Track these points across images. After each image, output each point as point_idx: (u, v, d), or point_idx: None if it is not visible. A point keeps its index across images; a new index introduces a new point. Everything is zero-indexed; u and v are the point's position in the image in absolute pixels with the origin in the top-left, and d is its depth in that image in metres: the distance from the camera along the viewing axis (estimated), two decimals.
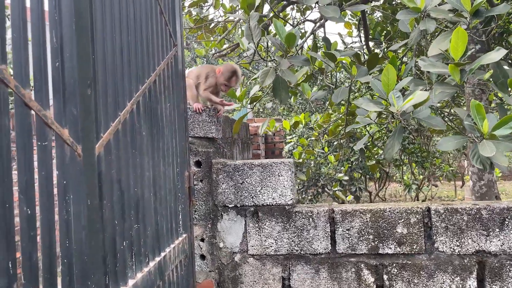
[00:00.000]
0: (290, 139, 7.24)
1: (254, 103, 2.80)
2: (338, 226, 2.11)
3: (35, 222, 0.85)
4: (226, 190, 2.19)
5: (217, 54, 4.85)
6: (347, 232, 2.10)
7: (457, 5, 2.41)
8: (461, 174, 10.64)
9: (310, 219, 2.13)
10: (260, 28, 2.49)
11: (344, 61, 2.66)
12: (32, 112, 0.85)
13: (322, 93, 2.66)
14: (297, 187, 9.50)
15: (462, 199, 9.42)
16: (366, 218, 2.09)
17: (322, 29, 3.94)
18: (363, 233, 2.09)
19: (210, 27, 5.07)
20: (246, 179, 2.17)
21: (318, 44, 3.24)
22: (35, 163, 0.88)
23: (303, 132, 8.38)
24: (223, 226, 2.21)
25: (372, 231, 2.08)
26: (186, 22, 5.11)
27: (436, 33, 3.49)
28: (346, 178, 7.77)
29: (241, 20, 2.80)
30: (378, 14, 6.54)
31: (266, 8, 4.49)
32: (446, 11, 2.46)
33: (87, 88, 1.08)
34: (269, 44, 2.97)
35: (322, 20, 3.59)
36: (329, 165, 8.02)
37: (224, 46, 5.23)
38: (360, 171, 8.62)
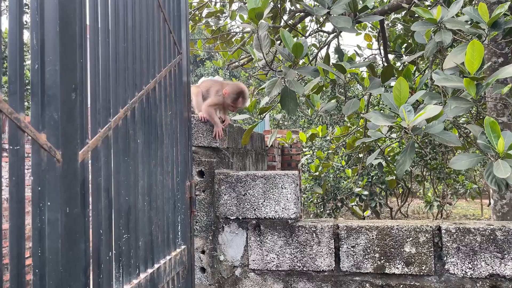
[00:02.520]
0: (307, 151, 7.15)
1: (264, 114, 2.75)
2: (343, 242, 2.03)
3: (0, 228, 0.82)
4: (228, 202, 2.14)
5: (233, 65, 4.85)
6: (352, 249, 2.01)
7: (475, 16, 2.31)
8: (488, 192, 10.27)
9: (314, 235, 2.05)
10: (269, 38, 2.45)
11: (356, 73, 2.59)
12: (3, 115, 0.83)
13: (332, 105, 2.59)
14: (315, 200, 9.35)
15: (489, 218, 9.08)
16: (372, 235, 2.00)
17: (339, 41, 3.87)
18: (369, 251, 2.00)
19: (228, 38, 5.08)
20: (249, 191, 2.11)
21: (332, 56, 3.18)
22: (5, 169, 0.86)
23: (322, 145, 8.27)
24: (224, 238, 2.16)
25: (378, 249, 1.99)
26: (204, 33, 5.13)
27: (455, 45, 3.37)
28: (366, 192, 7.60)
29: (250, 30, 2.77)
30: (399, 26, 6.44)
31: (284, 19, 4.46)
32: (462, 22, 2.37)
33: (71, 93, 1.06)
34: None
35: (337, 31, 3.53)
36: (349, 179, 7.88)
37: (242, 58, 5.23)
38: (381, 186, 8.42)
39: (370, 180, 8.07)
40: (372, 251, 1.99)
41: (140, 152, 1.55)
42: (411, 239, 1.96)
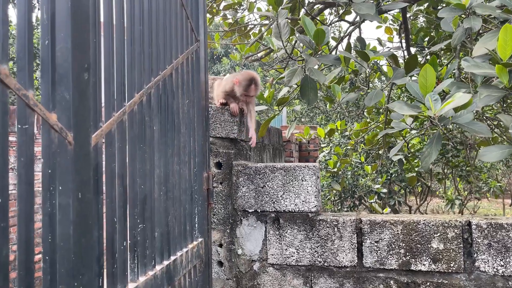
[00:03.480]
0: (325, 147, 7.04)
1: (283, 106, 2.67)
2: (366, 237, 1.94)
3: (7, 212, 0.77)
4: (246, 194, 2.08)
5: (251, 58, 4.78)
6: (375, 244, 1.93)
7: (506, 1, 2.19)
8: (510, 191, 9.98)
9: (335, 229, 1.97)
10: (289, 26, 2.37)
11: (379, 63, 2.50)
12: (9, 90, 0.78)
13: (353, 95, 2.49)
14: (332, 198, 9.23)
15: None
16: (397, 230, 1.91)
17: (360, 30, 3.76)
18: (393, 246, 1.90)
19: (245, 31, 5.01)
20: (268, 183, 2.04)
21: (352, 46, 3.08)
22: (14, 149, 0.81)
23: (340, 141, 8.13)
24: (242, 232, 2.09)
25: (403, 244, 1.89)
26: (221, 26, 5.07)
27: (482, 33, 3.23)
28: (385, 190, 7.45)
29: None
30: (421, 19, 6.28)
31: (303, 12, 4.36)
32: (493, 7, 2.25)
33: (83, 72, 1.01)
34: (301, 44, 2.85)
35: (359, 21, 3.42)
36: (367, 176, 7.74)
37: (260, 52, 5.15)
38: (400, 184, 8.24)
39: (389, 177, 7.91)
40: (397, 247, 1.90)
41: (157, 139, 1.50)
42: (438, 234, 1.86)
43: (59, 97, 0.94)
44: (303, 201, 2.00)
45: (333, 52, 3.26)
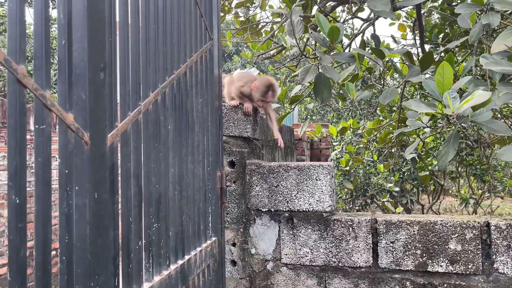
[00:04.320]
0: (337, 145, 6.99)
1: (295, 104, 2.65)
2: (381, 238, 1.91)
3: (24, 212, 0.77)
4: (260, 193, 2.06)
5: (262, 56, 4.75)
6: (391, 245, 1.90)
7: None
8: None
9: (350, 229, 1.95)
10: (302, 24, 2.34)
11: (394, 60, 2.46)
12: (27, 90, 0.78)
13: (367, 93, 2.46)
14: (344, 196, 9.17)
15: None
16: (414, 231, 1.88)
17: (372, 29, 3.72)
18: (409, 247, 1.88)
19: (257, 29, 4.99)
20: (281, 182, 2.03)
21: (367, 44, 3.04)
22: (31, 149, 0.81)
23: (352, 139, 8.07)
24: (255, 231, 2.08)
25: (420, 245, 1.87)
26: (233, 24, 5.06)
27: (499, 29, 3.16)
28: (397, 189, 7.38)
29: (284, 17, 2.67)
30: (436, 16, 6.19)
31: (315, 10, 4.33)
32: None
33: (99, 72, 1.00)
34: (315, 42, 2.82)
35: (373, 17, 3.38)
36: (379, 175, 7.67)
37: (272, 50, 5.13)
38: (412, 183, 8.15)
39: (401, 176, 7.83)
40: (413, 248, 1.87)
41: (171, 139, 1.49)
42: (456, 235, 1.83)
43: (76, 97, 0.93)
44: (317, 200, 1.98)
45: (347, 50, 3.23)
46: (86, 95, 0.95)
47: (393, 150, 5.67)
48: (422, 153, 5.90)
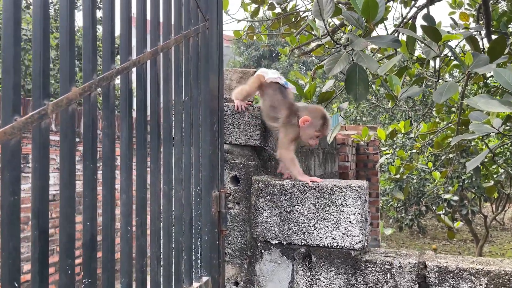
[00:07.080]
0: (386, 150, 6.33)
1: (326, 102, 2.14)
2: None
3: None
4: (269, 220, 1.59)
5: (301, 52, 4.25)
6: None
7: None
8: None
9: (388, 275, 1.42)
10: (333, 2, 1.84)
11: (452, 50, 1.89)
12: None
13: (417, 90, 1.90)
14: (395, 204, 8.40)
15: None
16: (480, 284, 1.32)
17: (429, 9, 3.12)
18: None
19: (295, 21, 4.49)
20: (296, 207, 1.54)
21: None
22: None
23: (404, 143, 7.33)
24: (263, 269, 1.61)
25: None
26: (268, 17, 4.59)
27: None
28: (456, 198, 6.58)
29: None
30: (503, 3, 5.42)
31: None
32: None
33: None
34: (351, 28, 2.29)
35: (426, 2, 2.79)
36: (435, 182, 6.89)
37: (312, 44, 4.61)
38: (474, 191, 7.29)
39: (461, 184, 7.01)
40: None
41: (123, 153, 1.06)
42: None
43: None
44: (343, 233, 1.47)
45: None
46: None
47: (451, 156, 4.97)
48: (486, 160, 5.11)
